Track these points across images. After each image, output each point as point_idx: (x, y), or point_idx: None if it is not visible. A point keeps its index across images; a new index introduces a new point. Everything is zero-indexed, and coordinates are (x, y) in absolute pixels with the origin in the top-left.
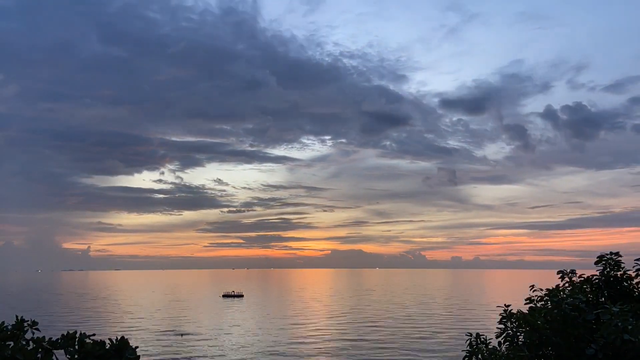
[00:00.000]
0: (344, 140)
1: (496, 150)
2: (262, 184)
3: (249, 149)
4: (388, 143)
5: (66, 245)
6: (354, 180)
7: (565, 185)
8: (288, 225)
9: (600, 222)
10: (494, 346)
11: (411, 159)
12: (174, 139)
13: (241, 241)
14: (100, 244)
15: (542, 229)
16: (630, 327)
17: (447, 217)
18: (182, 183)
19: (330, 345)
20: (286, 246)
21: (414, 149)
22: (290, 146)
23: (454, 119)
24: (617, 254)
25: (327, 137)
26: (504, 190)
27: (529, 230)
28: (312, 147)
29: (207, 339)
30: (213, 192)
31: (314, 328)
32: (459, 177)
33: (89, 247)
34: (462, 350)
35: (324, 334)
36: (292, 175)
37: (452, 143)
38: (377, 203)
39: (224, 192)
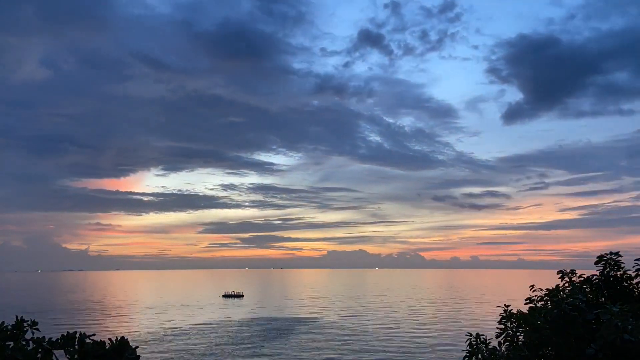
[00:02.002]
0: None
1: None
2: (256, 186)
3: (236, 153)
4: (366, 148)
5: (66, 246)
6: (347, 182)
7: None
8: (286, 226)
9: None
10: (494, 346)
11: (393, 165)
12: (161, 144)
13: (240, 242)
14: (99, 244)
15: (539, 229)
16: (630, 327)
17: (444, 217)
18: (176, 186)
19: (332, 345)
20: (284, 246)
21: (389, 155)
22: (277, 152)
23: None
24: (617, 254)
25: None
26: (490, 191)
27: (526, 231)
28: (294, 156)
29: (207, 338)
30: (208, 194)
31: (317, 326)
32: (451, 179)
33: (88, 247)
34: (462, 350)
35: (323, 332)
36: (284, 179)
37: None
38: (371, 205)
39: (219, 194)
